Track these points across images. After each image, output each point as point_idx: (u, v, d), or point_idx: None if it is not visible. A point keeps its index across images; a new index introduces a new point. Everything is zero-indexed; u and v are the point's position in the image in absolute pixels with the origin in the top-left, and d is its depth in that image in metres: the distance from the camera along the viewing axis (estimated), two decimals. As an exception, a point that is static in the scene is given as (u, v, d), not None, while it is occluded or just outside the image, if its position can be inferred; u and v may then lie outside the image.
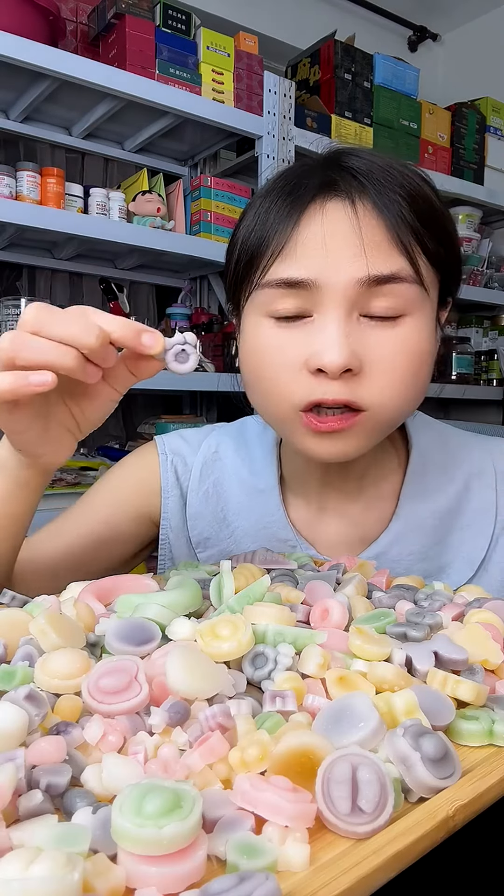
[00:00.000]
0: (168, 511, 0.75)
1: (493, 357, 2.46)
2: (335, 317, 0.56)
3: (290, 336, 0.58)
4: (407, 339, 0.57)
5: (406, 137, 2.10)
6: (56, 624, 0.40)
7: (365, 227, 0.56)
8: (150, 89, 1.54)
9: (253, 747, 0.30)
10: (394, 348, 0.57)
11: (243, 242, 0.62)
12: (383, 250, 0.56)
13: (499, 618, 0.45)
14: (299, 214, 0.58)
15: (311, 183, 0.59)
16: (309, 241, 0.57)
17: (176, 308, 2.00)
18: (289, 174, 0.62)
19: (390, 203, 0.57)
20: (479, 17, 2.82)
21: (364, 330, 0.57)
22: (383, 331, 0.57)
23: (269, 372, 0.59)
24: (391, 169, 0.59)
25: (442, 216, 0.61)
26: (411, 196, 0.58)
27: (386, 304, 0.57)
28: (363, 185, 0.58)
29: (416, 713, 0.34)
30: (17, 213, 1.41)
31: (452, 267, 0.63)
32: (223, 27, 1.84)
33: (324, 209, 0.57)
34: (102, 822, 0.26)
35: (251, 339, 0.61)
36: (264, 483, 0.73)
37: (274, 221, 0.59)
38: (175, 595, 0.45)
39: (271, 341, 0.59)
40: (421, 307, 0.58)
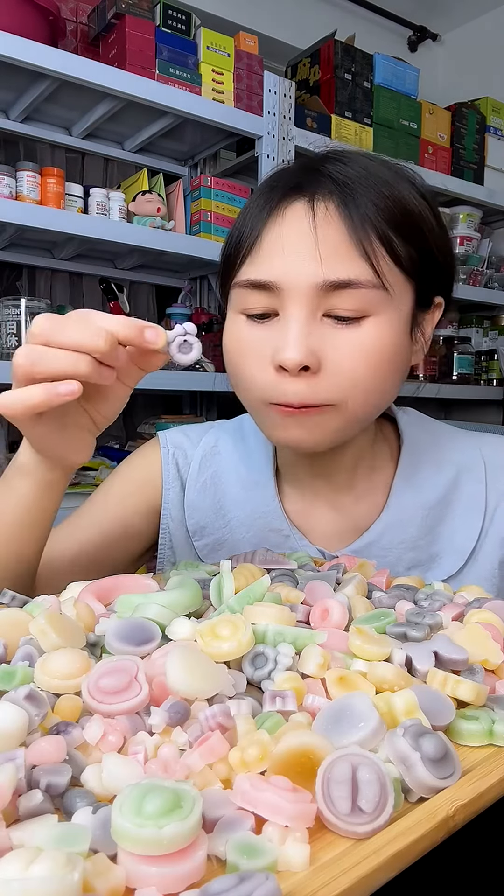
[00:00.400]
0: (168, 502, 0.78)
1: (493, 357, 2.46)
2: (296, 316, 0.59)
3: (259, 333, 0.61)
4: (367, 340, 0.59)
5: (406, 137, 2.10)
6: (56, 624, 0.40)
7: (323, 231, 0.58)
8: (150, 89, 1.54)
9: (253, 747, 0.30)
10: (353, 348, 0.59)
11: (228, 240, 0.65)
12: (341, 254, 0.58)
13: (499, 618, 0.45)
14: (266, 216, 0.61)
15: (281, 186, 0.61)
16: (271, 244, 0.60)
17: (176, 308, 2.00)
18: (274, 175, 0.65)
19: (354, 207, 0.58)
20: (479, 17, 2.82)
21: (326, 329, 0.59)
22: (344, 331, 0.59)
23: (240, 367, 0.63)
24: (368, 174, 0.60)
25: (420, 220, 0.61)
26: (383, 200, 0.59)
27: (346, 305, 0.58)
28: (330, 189, 0.59)
29: (416, 713, 0.34)
30: (17, 213, 1.41)
31: (434, 269, 0.63)
32: (223, 27, 1.84)
33: (285, 212, 0.60)
34: (102, 822, 0.26)
35: (228, 334, 0.64)
36: (260, 475, 0.75)
37: (247, 222, 0.62)
38: (175, 595, 0.45)
39: (242, 337, 0.62)
40: (385, 309, 0.59)
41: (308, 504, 0.74)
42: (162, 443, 0.80)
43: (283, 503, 0.75)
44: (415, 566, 0.70)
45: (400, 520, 0.71)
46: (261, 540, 0.73)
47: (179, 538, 0.77)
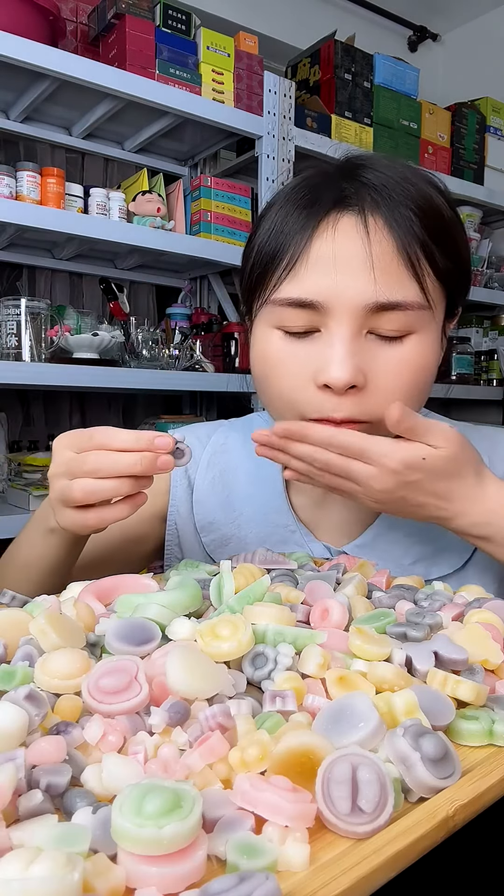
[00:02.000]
0: (176, 499, 0.79)
1: (493, 357, 2.46)
2: (342, 334, 0.58)
3: (299, 349, 0.60)
4: (411, 357, 0.59)
5: (406, 137, 2.10)
6: (56, 624, 0.40)
7: (375, 247, 0.57)
8: (150, 89, 1.54)
9: (253, 747, 0.30)
10: (398, 366, 0.59)
11: (258, 251, 0.63)
12: (393, 274, 0.57)
13: (499, 618, 0.45)
14: (312, 230, 0.59)
15: (325, 197, 0.59)
16: (319, 261, 0.58)
17: (176, 308, 2.00)
18: (307, 183, 0.63)
19: (402, 219, 0.57)
20: (479, 17, 2.82)
21: (371, 347, 0.59)
22: (389, 348, 0.59)
23: (277, 382, 0.62)
24: (405, 182, 0.59)
25: (453, 228, 0.61)
26: (423, 211, 0.58)
27: (393, 326, 0.58)
28: (376, 200, 0.58)
29: (416, 713, 0.34)
30: (17, 213, 1.40)
31: (461, 279, 0.64)
32: (223, 27, 1.84)
33: (336, 226, 0.58)
34: (102, 822, 0.26)
35: (261, 348, 0.63)
36: (268, 472, 0.76)
37: (287, 234, 0.60)
38: (175, 595, 0.45)
39: (280, 354, 0.61)
40: (427, 325, 0.60)
41: (315, 500, 0.74)
42: None
43: (290, 499, 0.75)
44: (420, 560, 0.70)
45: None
46: (268, 535, 0.73)
47: (187, 534, 0.78)
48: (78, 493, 0.53)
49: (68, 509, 0.56)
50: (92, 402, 2.11)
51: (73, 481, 0.53)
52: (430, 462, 0.55)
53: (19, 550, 0.68)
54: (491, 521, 0.58)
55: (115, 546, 0.76)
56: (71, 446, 0.55)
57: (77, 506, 0.55)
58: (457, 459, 0.56)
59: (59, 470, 0.55)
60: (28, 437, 1.95)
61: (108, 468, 0.52)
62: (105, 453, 0.53)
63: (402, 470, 0.55)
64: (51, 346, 1.48)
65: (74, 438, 0.55)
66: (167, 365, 1.69)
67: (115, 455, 0.52)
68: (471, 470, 0.58)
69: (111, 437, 0.53)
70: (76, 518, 0.55)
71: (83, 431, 0.55)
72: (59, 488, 0.55)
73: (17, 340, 1.44)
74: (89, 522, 0.55)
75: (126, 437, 0.53)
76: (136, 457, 0.52)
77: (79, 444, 0.54)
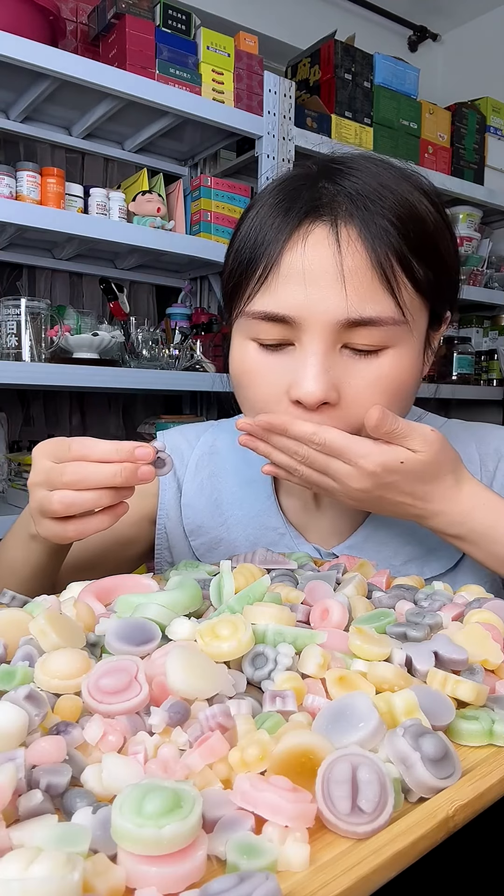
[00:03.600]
0: (165, 502, 0.78)
1: (493, 357, 2.46)
2: (315, 350, 0.57)
3: (273, 362, 0.59)
4: (386, 372, 0.58)
5: (406, 137, 2.10)
6: (56, 624, 0.40)
7: (347, 261, 0.55)
8: (150, 89, 1.53)
9: (253, 747, 0.30)
10: (373, 381, 0.58)
11: (235, 258, 0.62)
12: (366, 288, 0.55)
13: (499, 618, 0.45)
14: (284, 241, 0.57)
15: (298, 204, 0.58)
16: (290, 274, 0.56)
17: (176, 308, 2.00)
18: (285, 185, 0.61)
19: (377, 231, 0.55)
20: (479, 17, 2.82)
21: (345, 362, 0.58)
22: (364, 363, 0.58)
23: (252, 393, 0.61)
24: (385, 189, 0.57)
25: (437, 236, 0.59)
26: (402, 220, 0.56)
27: (367, 340, 0.57)
28: (350, 210, 0.56)
29: (416, 713, 0.34)
30: (17, 213, 1.40)
31: (446, 288, 0.62)
32: (223, 27, 1.84)
33: (307, 238, 0.56)
34: (102, 822, 0.26)
35: (237, 358, 0.62)
36: (257, 474, 0.75)
37: (261, 244, 0.58)
38: (175, 595, 0.45)
39: (255, 366, 0.60)
40: (404, 339, 0.58)
41: (306, 502, 0.74)
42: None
43: (279, 501, 0.75)
44: (411, 560, 0.70)
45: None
46: (258, 538, 0.73)
47: (176, 538, 0.77)
48: (57, 504, 0.52)
49: (48, 520, 0.55)
50: (92, 402, 2.11)
51: (53, 493, 0.52)
52: (407, 465, 0.56)
53: (5, 553, 0.67)
54: (465, 521, 0.59)
55: (105, 549, 0.76)
56: (49, 455, 0.53)
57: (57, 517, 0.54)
58: (435, 462, 0.57)
59: (37, 479, 0.54)
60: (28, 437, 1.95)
61: (87, 480, 0.51)
62: (84, 464, 0.52)
63: (380, 472, 0.56)
64: (51, 346, 1.48)
65: (53, 447, 0.54)
66: (167, 365, 1.69)
67: (94, 466, 0.51)
68: (448, 471, 0.58)
69: (90, 447, 0.52)
70: (56, 529, 0.54)
71: (62, 440, 0.53)
72: (38, 499, 0.53)
73: (17, 340, 1.44)
74: (69, 534, 0.54)
75: (105, 447, 0.52)
76: (116, 468, 0.51)
77: (57, 454, 0.53)
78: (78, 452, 0.52)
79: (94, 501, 0.52)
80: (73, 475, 0.51)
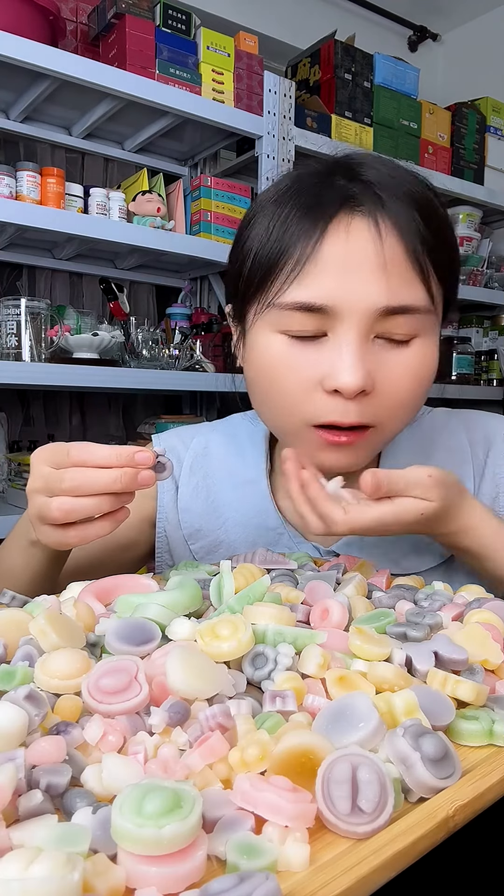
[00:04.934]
0: (164, 506, 0.78)
1: (493, 357, 2.46)
2: (352, 339, 0.57)
3: (304, 354, 0.59)
4: (417, 361, 0.59)
5: (406, 137, 2.10)
6: (56, 624, 0.40)
7: (387, 251, 0.56)
8: (150, 89, 1.53)
9: (253, 747, 0.30)
10: (405, 370, 0.59)
11: (257, 254, 0.60)
12: (403, 277, 0.57)
13: (499, 618, 0.45)
14: (322, 232, 0.57)
15: (329, 197, 0.58)
16: (329, 264, 0.56)
17: (176, 308, 2.00)
18: (301, 184, 0.60)
19: (408, 221, 0.57)
20: (479, 17, 2.82)
21: (378, 351, 0.59)
22: (396, 352, 0.59)
23: (281, 388, 0.60)
24: (405, 182, 0.59)
25: (448, 229, 0.62)
26: (425, 211, 0.58)
27: (401, 329, 0.58)
28: (382, 199, 0.57)
29: (416, 713, 0.34)
30: (17, 213, 1.40)
31: (454, 275, 0.64)
32: (223, 27, 1.84)
33: (348, 228, 0.57)
34: (102, 822, 0.26)
35: (263, 354, 0.61)
36: (253, 474, 0.75)
37: (292, 236, 0.58)
38: (175, 595, 0.45)
39: (284, 359, 0.59)
40: (431, 328, 0.60)
41: None
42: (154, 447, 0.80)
43: (276, 501, 0.74)
44: (411, 552, 0.70)
45: None
46: (256, 539, 0.73)
47: (176, 542, 0.77)
48: (56, 512, 0.51)
49: (47, 526, 0.54)
50: (92, 402, 2.11)
51: (52, 499, 0.51)
52: (427, 515, 0.57)
53: (4, 559, 0.67)
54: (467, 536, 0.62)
55: (105, 553, 0.75)
56: (48, 461, 0.53)
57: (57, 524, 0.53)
58: (447, 502, 0.58)
59: (36, 485, 0.53)
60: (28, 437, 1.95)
61: (86, 486, 0.50)
62: (83, 470, 0.51)
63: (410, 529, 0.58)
64: (51, 346, 1.48)
65: (52, 453, 0.53)
66: (167, 365, 1.69)
67: (93, 472, 0.50)
68: (456, 498, 0.60)
69: (89, 452, 0.51)
70: (56, 536, 0.54)
71: (61, 446, 0.53)
72: (38, 505, 0.53)
73: (17, 340, 1.44)
74: (70, 540, 0.53)
75: (105, 453, 0.51)
76: (116, 473, 0.50)
77: (56, 460, 0.52)
78: (77, 458, 0.51)
79: (94, 508, 0.51)
80: (72, 482, 0.50)
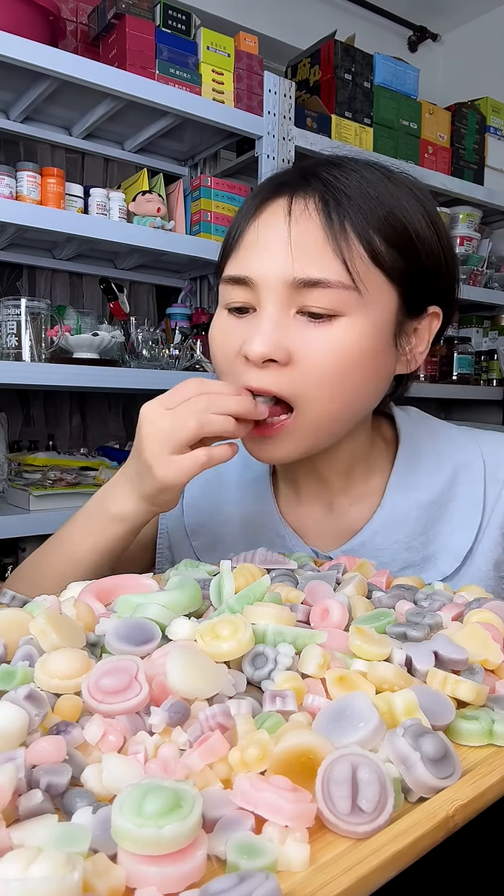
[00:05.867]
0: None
1: (493, 357, 2.46)
2: (268, 310, 0.60)
3: (237, 326, 0.63)
4: (337, 339, 0.59)
5: (406, 137, 2.10)
6: (56, 624, 0.40)
7: (298, 228, 0.59)
8: (150, 89, 1.53)
9: (253, 747, 0.30)
10: (323, 346, 0.59)
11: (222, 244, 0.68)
12: (315, 253, 0.59)
13: (499, 618, 0.45)
14: (250, 214, 0.63)
15: (269, 185, 0.63)
16: (250, 241, 0.62)
17: (176, 308, 2.00)
18: (268, 177, 0.67)
19: (336, 204, 0.59)
20: (479, 17, 2.82)
21: (298, 325, 0.60)
22: (316, 328, 0.60)
23: (218, 359, 0.65)
24: (363, 177, 0.61)
25: (409, 228, 0.61)
26: (371, 202, 0.60)
27: (318, 303, 0.59)
28: (315, 187, 0.60)
29: (416, 713, 0.34)
30: (17, 213, 1.40)
31: (424, 277, 0.63)
32: (223, 27, 1.84)
33: (265, 209, 0.62)
34: (102, 822, 0.26)
35: (213, 328, 0.67)
36: (256, 475, 0.76)
37: (236, 221, 0.65)
38: (175, 595, 0.45)
39: (222, 330, 0.64)
40: (358, 310, 0.59)
41: (303, 504, 0.74)
42: None
43: (278, 503, 0.75)
44: (408, 567, 0.69)
45: (393, 520, 0.70)
46: (255, 539, 0.73)
47: (177, 538, 0.78)
48: (193, 422, 0.57)
49: (173, 457, 0.58)
50: (92, 402, 2.11)
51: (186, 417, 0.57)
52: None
53: (66, 543, 0.68)
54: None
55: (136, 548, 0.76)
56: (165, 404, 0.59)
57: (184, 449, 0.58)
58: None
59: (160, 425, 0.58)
60: (28, 437, 1.95)
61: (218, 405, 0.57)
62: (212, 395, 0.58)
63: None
64: (51, 346, 1.48)
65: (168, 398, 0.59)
66: (167, 365, 1.69)
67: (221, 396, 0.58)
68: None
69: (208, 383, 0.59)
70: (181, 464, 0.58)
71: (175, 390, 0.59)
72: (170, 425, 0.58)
73: (17, 340, 1.44)
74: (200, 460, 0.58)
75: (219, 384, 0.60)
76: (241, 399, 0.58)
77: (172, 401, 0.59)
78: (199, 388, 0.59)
79: (223, 426, 0.58)
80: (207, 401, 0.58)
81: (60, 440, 2.02)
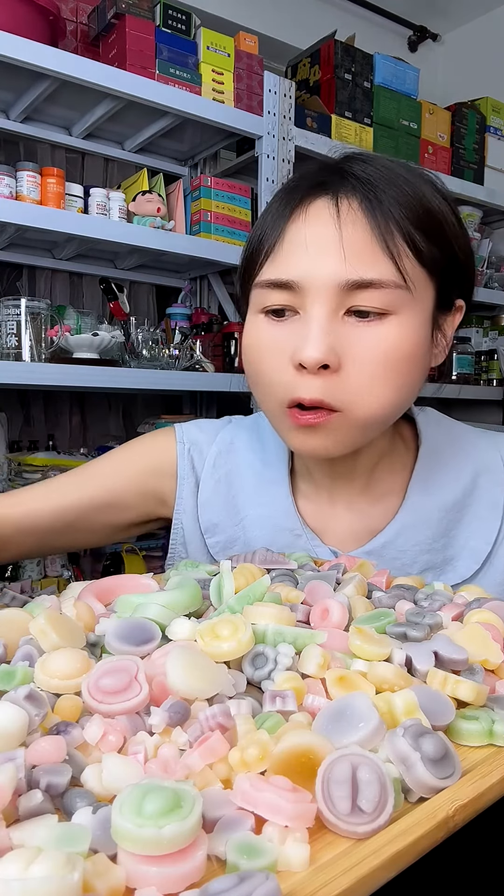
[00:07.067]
0: (183, 497, 0.77)
1: (493, 357, 2.46)
2: (317, 314, 0.58)
3: (280, 331, 0.61)
4: (387, 338, 0.58)
5: (406, 137, 2.10)
6: (56, 624, 0.40)
7: (348, 228, 0.58)
8: (150, 89, 1.53)
9: (253, 747, 0.30)
10: (373, 346, 0.58)
11: (248, 244, 0.65)
12: (366, 253, 0.57)
13: (499, 618, 0.45)
14: (288, 215, 0.60)
15: (304, 184, 0.61)
16: (294, 242, 0.60)
17: (176, 308, 2.00)
18: (293, 178, 0.65)
19: (378, 202, 0.58)
20: (479, 17, 2.82)
21: (347, 328, 0.59)
22: (366, 329, 0.59)
23: (260, 367, 0.62)
24: (392, 174, 0.60)
25: (444, 222, 0.61)
26: (407, 197, 0.59)
27: (369, 302, 0.58)
28: (353, 185, 0.59)
29: (416, 713, 0.34)
30: (17, 213, 1.40)
31: (455, 270, 0.63)
32: (223, 27, 1.84)
33: (308, 209, 0.60)
34: (102, 822, 0.26)
35: (249, 335, 0.64)
36: (275, 474, 0.75)
37: (268, 222, 0.62)
38: (175, 595, 0.45)
39: (263, 337, 0.62)
40: (407, 308, 0.59)
41: (323, 504, 0.73)
42: (178, 437, 0.79)
43: (297, 503, 0.74)
44: (429, 569, 0.69)
45: (415, 521, 0.69)
46: (273, 539, 0.72)
47: (192, 535, 0.77)
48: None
49: None
50: (92, 402, 2.12)
51: None
52: None
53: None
54: None
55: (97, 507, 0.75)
56: None
57: None
58: None
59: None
60: (28, 437, 1.95)
61: None
62: None
63: None
64: (51, 346, 1.48)
65: None
66: (167, 365, 1.69)
67: None
68: None
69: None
70: None
71: None
72: None
73: (17, 340, 1.44)
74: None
75: None
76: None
77: None
78: None
79: None
80: None
81: (60, 440, 2.02)
